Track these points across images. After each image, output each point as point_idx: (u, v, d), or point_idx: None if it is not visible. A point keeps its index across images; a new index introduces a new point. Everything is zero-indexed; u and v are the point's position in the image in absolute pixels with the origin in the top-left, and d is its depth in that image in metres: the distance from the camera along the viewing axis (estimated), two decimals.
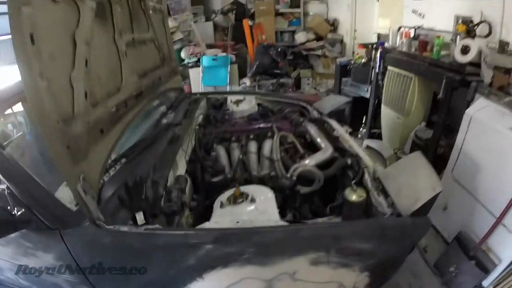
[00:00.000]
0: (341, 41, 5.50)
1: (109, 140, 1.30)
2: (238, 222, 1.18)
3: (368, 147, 3.43)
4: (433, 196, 1.30)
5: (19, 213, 1.09)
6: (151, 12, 1.96)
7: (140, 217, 1.19)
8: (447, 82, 2.24)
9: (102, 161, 1.24)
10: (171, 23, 4.52)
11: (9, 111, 1.56)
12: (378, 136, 3.46)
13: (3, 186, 1.12)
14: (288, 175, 1.57)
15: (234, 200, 1.33)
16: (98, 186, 1.19)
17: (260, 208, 1.29)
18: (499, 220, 1.72)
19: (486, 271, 1.75)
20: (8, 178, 1.10)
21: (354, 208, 1.40)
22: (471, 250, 1.84)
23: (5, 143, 1.38)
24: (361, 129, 3.76)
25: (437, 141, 2.48)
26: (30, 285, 1.41)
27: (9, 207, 1.10)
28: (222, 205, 1.33)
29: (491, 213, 1.79)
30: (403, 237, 1.23)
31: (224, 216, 1.26)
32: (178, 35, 4.78)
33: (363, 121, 3.67)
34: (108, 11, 1.43)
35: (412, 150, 2.73)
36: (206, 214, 1.33)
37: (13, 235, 1.13)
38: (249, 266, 1.03)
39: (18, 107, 1.60)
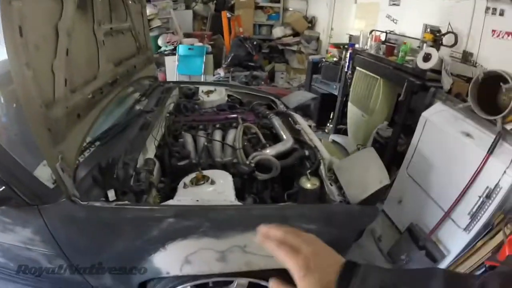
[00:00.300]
0: (317, 39, 5.73)
1: (85, 124, 1.42)
2: (197, 200, 1.34)
3: (333, 142, 3.70)
4: (380, 188, 1.43)
5: None
6: (130, 2, 2.05)
7: (111, 194, 1.33)
8: (408, 85, 2.48)
9: (78, 143, 1.36)
10: (150, 9, 4.54)
11: None
12: (344, 132, 3.72)
13: None
14: (248, 162, 1.74)
15: (196, 182, 1.49)
16: (74, 166, 1.31)
17: (218, 189, 1.46)
18: (447, 214, 1.94)
19: (435, 261, 1.97)
20: None
21: (308, 195, 1.59)
22: (421, 240, 2.08)
23: None
24: (328, 124, 4.02)
25: (396, 139, 2.73)
26: (7, 262, 1.50)
27: None
28: (185, 186, 1.49)
29: (440, 208, 2.02)
30: (348, 222, 1.42)
31: (186, 195, 1.41)
32: (156, 22, 4.81)
33: (331, 117, 3.93)
34: (89, 2, 1.53)
35: (373, 146, 2.92)
36: (172, 195, 1.48)
37: None
38: (205, 239, 1.20)
39: None
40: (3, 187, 1.18)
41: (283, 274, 1.40)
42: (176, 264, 1.21)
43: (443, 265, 1.95)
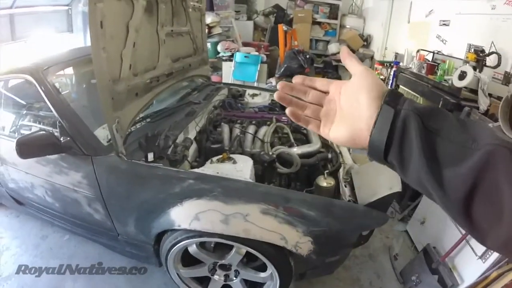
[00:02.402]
0: (372, 57, 5.77)
1: (140, 102, 1.80)
2: (218, 173, 1.61)
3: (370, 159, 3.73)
4: (389, 194, 1.52)
5: (64, 140, 1.61)
6: (190, 10, 2.45)
7: (150, 156, 1.69)
8: (443, 104, 2.49)
9: (133, 115, 1.73)
10: (212, 17, 5.05)
11: (61, 72, 2.14)
12: None
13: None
14: (270, 153, 1.98)
15: (222, 160, 1.78)
16: (127, 132, 1.69)
17: (237, 168, 1.71)
18: (463, 238, 1.91)
19: (445, 287, 1.93)
20: (61, 114, 1.63)
21: (323, 193, 1.75)
22: (434, 263, 2.05)
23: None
24: None
25: None
26: (53, 202, 1.94)
27: (57, 135, 1.62)
28: (211, 162, 1.78)
29: (460, 231, 1.97)
30: (349, 219, 1.54)
31: (209, 168, 1.70)
32: (218, 30, 5.31)
33: None
34: (155, 8, 1.93)
35: None
36: None
37: (53, 156, 1.66)
38: (215, 202, 1.44)
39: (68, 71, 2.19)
40: (68, 138, 1.61)
41: (276, 249, 1.59)
42: (188, 218, 1.49)
43: None
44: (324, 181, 1.76)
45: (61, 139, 1.61)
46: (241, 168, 1.72)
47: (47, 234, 2.40)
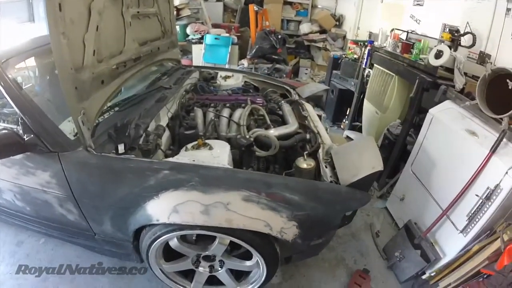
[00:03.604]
0: (344, 37, 5.81)
1: (107, 90, 1.70)
2: (194, 160, 1.56)
3: (347, 137, 3.81)
4: (371, 173, 1.51)
5: (28, 138, 1.48)
6: None
7: (121, 147, 1.60)
8: (419, 82, 2.50)
9: (99, 104, 1.63)
10: None
11: (22, 64, 1.97)
12: (360, 130, 3.80)
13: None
14: (247, 136, 1.94)
15: (197, 147, 1.73)
16: (94, 123, 1.59)
17: (214, 154, 1.68)
18: (444, 213, 1.93)
19: (428, 261, 1.98)
20: (22, 110, 1.49)
21: (303, 175, 1.73)
22: (416, 238, 2.11)
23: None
24: (344, 120, 4.13)
25: (405, 136, 2.74)
26: (24, 205, 1.82)
27: (20, 133, 1.48)
28: (186, 149, 1.73)
29: (440, 207, 2.01)
30: (334, 202, 1.55)
31: (185, 156, 1.64)
32: (186, 12, 5.13)
33: (347, 113, 4.03)
34: None
35: (383, 144, 3.04)
36: None
37: (18, 156, 1.53)
38: (194, 192, 1.40)
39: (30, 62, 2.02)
40: (32, 135, 1.49)
41: (261, 237, 1.51)
42: (166, 212, 1.44)
43: (436, 266, 1.97)
44: (304, 163, 1.75)
45: (25, 137, 1.49)
46: (218, 154, 1.68)
47: (23, 240, 2.27)
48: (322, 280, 2.15)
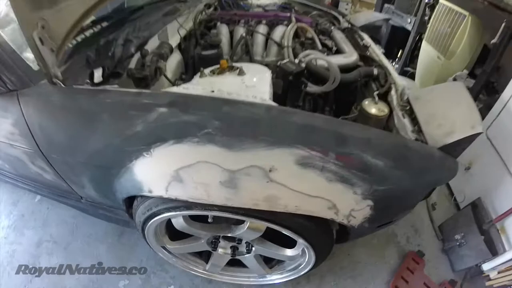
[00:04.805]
0: None
1: None
2: (213, 91, 0.79)
3: None
4: (470, 136, 0.90)
5: None
6: None
7: (98, 74, 0.86)
8: (506, 26, 1.60)
9: (74, 16, 0.87)
10: None
11: None
12: (411, 77, 2.73)
13: None
14: (296, 60, 1.10)
15: (220, 72, 0.93)
16: (65, 44, 0.84)
17: (248, 82, 0.87)
18: None
19: (494, 253, 1.32)
20: None
21: (371, 124, 0.98)
22: (484, 224, 1.38)
23: None
24: (393, 64, 3.09)
25: (478, 93, 1.87)
26: (2, 163, 1.17)
27: None
28: (201, 75, 0.93)
29: None
30: (424, 170, 0.82)
31: (198, 85, 0.86)
32: None
33: (398, 56, 3.00)
34: None
35: None
36: None
37: None
38: (210, 146, 0.66)
39: None
40: None
41: (317, 223, 0.76)
42: (162, 180, 0.72)
43: (499, 261, 1.28)
44: (374, 107, 0.98)
45: None
46: (254, 83, 0.88)
47: (18, 198, 1.67)
48: (368, 262, 1.44)
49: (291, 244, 0.95)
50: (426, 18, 2.45)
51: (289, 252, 0.97)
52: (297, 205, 0.70)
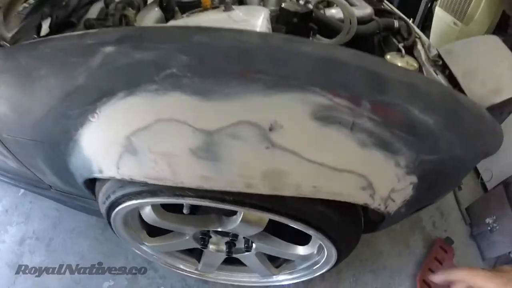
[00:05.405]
0: None
1: None
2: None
3: None
4: None
5: None
6: None
7: (45, 25, 0.60)
8: None
9: None
10: None
11: None
12: None
13: None
14: (302, 2, 0.78)
15: (203, 10, 0.64)
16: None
17: (236, 17, 0.58)
18: None
19: None
20: None
21: None
22: None
23: None
24: None
25: None
26: None
27: None
28: (176, 17, 0.64)
29: None
30: (476, 135, 0.53)
31: (171, 23, 0.60)
32: None
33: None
34: None
35: None
36: None
37: None
38: (175, 95, 0.39)
39: None
40: None
41: (342, 211, 0.53)
42: (111, 153, 0.45)
43: None
44: (401, 61, 0.72)
45: None
46: (245, 17, 0.59)
47: (4, 193, 1.41)
48: (391, 252, 1.16)
49: (303, 238, 0.68)
50: None
51: (301, 250, 0.69)
52: (315, 185, 0.42)
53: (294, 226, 0.52)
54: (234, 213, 0.58)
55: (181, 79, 0.38)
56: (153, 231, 0.75)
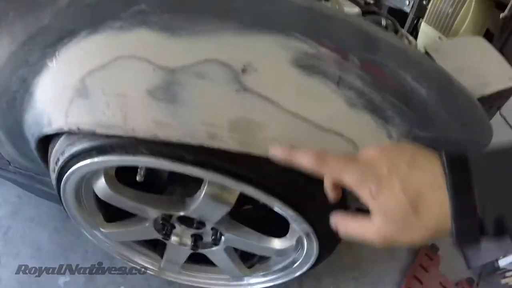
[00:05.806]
0: None
1: None
2: None
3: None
4: (508, 89, 0.65)
5: None
6: None
7: None
8: None
9: None
10: None
11: None
12: None
13: None
14: None
15: None
16: None
17: None
18: None
19: None
20: None
21: None
22: None
23: None
24: None
25: None
26: None
27: None
28: None
29: None
30: (471, 120, 0.50)
31: None
32: None
33: None
34: None
35: None
36: None
37: None
38: (140, 31, 0.33)
39: None
40: None
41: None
42: (62, 98, 0.38)
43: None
44: None
45: None
46: None
47: None
48: (374, 258, 1.09)
49: (279, 231, 0.61)
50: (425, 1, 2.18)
51: (277, 243, 0.61)
52: (295, 145, 0.36)
53: (268, 204, 0.45)
54: (197, 184, 0.51)
55: (149, 16, 0.33)
56: (111, 217, 0.66)
